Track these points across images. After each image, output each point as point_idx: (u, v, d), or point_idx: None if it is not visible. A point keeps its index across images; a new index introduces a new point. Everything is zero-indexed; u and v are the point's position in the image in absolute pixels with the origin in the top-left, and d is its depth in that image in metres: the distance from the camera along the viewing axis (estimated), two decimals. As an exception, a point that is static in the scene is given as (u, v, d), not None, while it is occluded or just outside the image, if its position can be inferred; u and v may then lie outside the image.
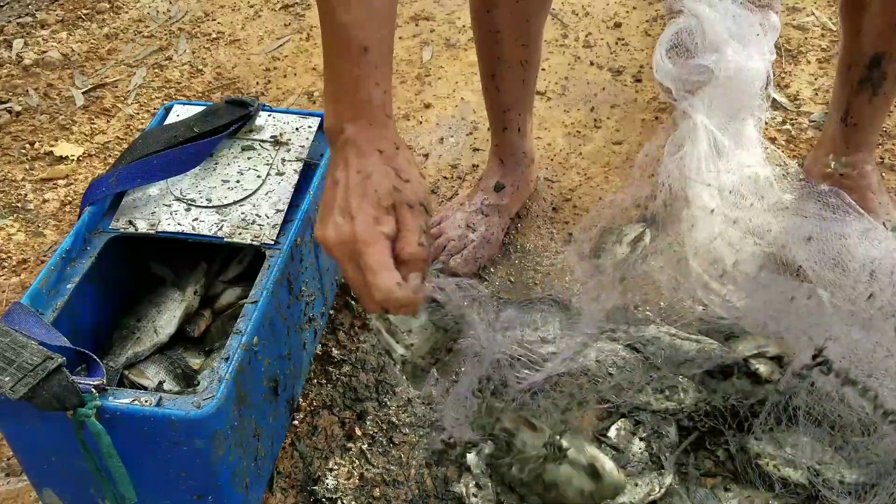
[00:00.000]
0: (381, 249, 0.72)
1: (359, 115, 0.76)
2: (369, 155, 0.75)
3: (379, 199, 0.73)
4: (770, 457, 0.98)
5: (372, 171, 0.74)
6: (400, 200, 0.74)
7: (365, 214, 0.72)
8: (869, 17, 1.14)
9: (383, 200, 0.73)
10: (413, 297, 0.72)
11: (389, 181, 0.74)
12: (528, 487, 0.95)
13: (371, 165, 0.74)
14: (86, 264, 0.96)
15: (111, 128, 1.62)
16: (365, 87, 0.75)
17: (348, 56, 0.74)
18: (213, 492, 0.87)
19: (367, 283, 0.72)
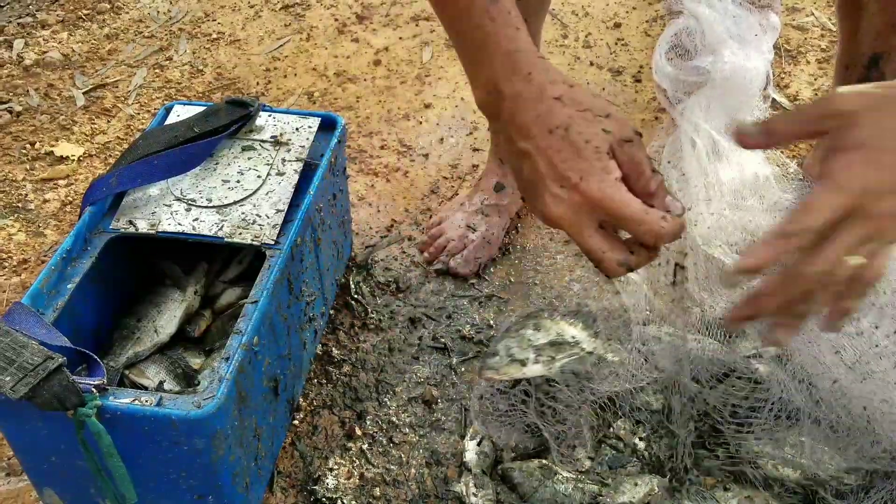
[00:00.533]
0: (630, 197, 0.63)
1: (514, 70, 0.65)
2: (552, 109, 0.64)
3: (596, 148, 0.63)
4: (769, 457, 0.98)
5: (569, 123, 0.63)
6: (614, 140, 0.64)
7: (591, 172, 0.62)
8: (867, 17, 1.14)
9: (601, 147, 0.63)
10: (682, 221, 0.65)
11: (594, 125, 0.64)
12: None
13: (563, 117, 0.63)
14: (86, 264, 0.96)
15: (112, 128, 1.62)
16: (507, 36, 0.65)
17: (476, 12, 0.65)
18: (214, 491, 0.87)
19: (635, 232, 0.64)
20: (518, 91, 0.65)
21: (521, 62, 0.65)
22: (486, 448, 1.04)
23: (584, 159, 0.63)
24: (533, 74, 0.65)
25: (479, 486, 0.99)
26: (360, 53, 1.80)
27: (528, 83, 0.64)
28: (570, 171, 0.63)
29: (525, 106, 0.65)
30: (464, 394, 1.13)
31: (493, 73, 0.66)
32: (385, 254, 1.35)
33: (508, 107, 0.66)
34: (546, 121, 0.64)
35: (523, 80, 0.65)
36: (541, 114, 0.64)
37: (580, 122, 0.64)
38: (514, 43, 0.65)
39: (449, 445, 1.07)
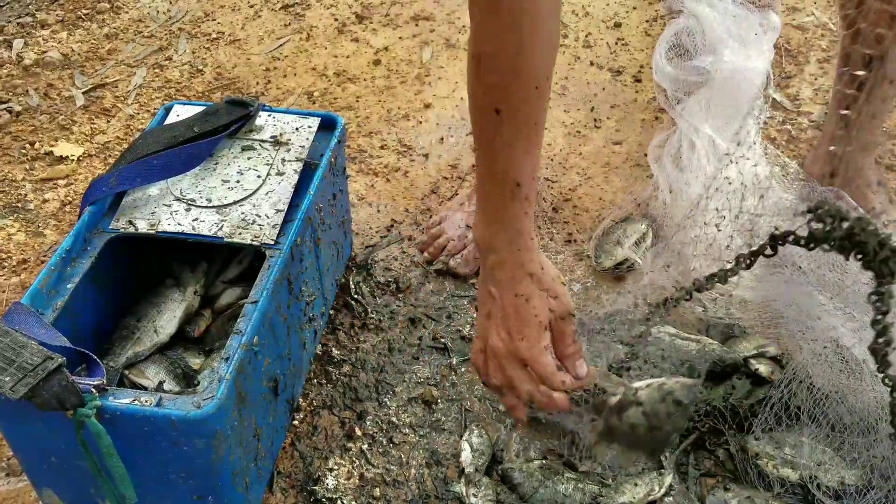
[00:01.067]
0: (548, 360, 0.86)
1: (511, 242, 0.85)
2: (522, 279, 0.85)
3: (540, 322, 0.85)
4: (769, 457, 0.98)
5: (529, 296, 0.85)
6: (554, 317, 0.86)
7: (528, 336, 0.85)
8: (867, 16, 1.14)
9: (543, 322, 0.85)
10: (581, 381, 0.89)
11: (544, 304, 0.85)
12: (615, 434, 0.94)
13: (526, 289, 0.85)
14: (86, 264, 0.96)
15: (111, 128, 1.62)
16: (517, 217, 0.84)
17: (503, 189, 0.82)
18: (213, 492, 0.87)
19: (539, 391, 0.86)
20: (507, 257, 0.85)
21: (517, 240, 0.84)
22: (481, 447, 1.04)
23: (529, 326, 0.85)
24: (521, 252, 0.85)
25: (476, 486, 0.99)
26: (360, 53, 1.80)
27: (516, 255, 0.84)
28: (515, 330, 0.85)
29: (506, 269, 0.85)
30: (464, 394, 1.13)
31: (496, 236, 0.85)
32: (385, 254, 1.35)
33: (496, 260, 0.86)
34: (515, 287, 0.85)
35: (515, 252, 0.85)
36: (514, 279, 0.85)
37: (537, 298, 0.85)
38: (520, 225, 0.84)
39: (449, 445, 1.07)
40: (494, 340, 0.87)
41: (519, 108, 0.79)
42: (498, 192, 0.83)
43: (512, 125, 0.79)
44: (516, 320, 0.85)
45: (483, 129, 0.82)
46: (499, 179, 0.82)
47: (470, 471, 1.01)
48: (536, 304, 0.85)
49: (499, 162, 0.82)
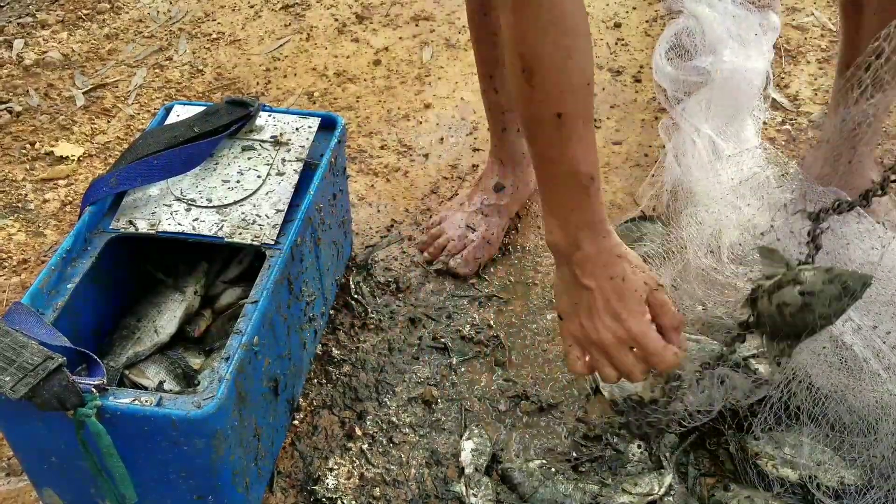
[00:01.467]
0: (654, 333, 0.88)
1: (596, 233, 0.88)
2: (615, 263, 0.88)
3: (640, 296, 0.88)
4: (769, 457, 0.98)
5: (625, 274, 0.88)
6: (649, 289, 0.89)
7: (635, 312, 0.87)
8: (867, 17, 1.14)
9: (643, 295, 0.88)
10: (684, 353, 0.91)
11: (640, 278, 0.88)
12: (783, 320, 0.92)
13: (622, 270, 0.88)
14: (86, 264, 0.96)
15: (111, 128, 1.62)
16: (596, 208, 0.87)
17: (578, 185, 0.86)
18: (213, 492, 0.87)
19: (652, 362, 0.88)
20: (593, 249, 0.88)
21: (599, 229, 0.88)
22: (481, 447, 1.04)
23: (631, 302, 0.87)
24: (606, 238, 0.88)
25: (476, 486, 0.99)
26: (360, 53, 1.80)
27: (603, 243, 0.88)
28: (619, 310, 0.87)
29: (597, 259, 0.88)
30: (464, 394, 1.13)
31: (577, 231, 0.88)
32: (385, 254, 1.35)
33: (582, 256, 0.88)
34: (609, 271, 0.88)
35: (601, 241, 0.88)
36: (607, 264, 0.88)
37: (631, 275, 0.88)
38: (600, 215, 0.88)
39: (449, 445, 1.07)
40: (602, 333, 0.88)
41: (578, 108, 0.83)
42: (572, 190, 0.86)
43: (575, 125, 0.83)
44: (618, 301, 0.87)
45: (546, 135, 0.85)
46: (571, 179, 0.86)
47: (470, 471, 1.01)
48: (633, 280, 0.88)
49: (568, 162, 0.85)
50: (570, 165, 0.85)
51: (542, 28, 0.79)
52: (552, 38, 0.79)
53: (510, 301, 1.26)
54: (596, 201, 0.87)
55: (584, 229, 0.87)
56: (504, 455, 1.05)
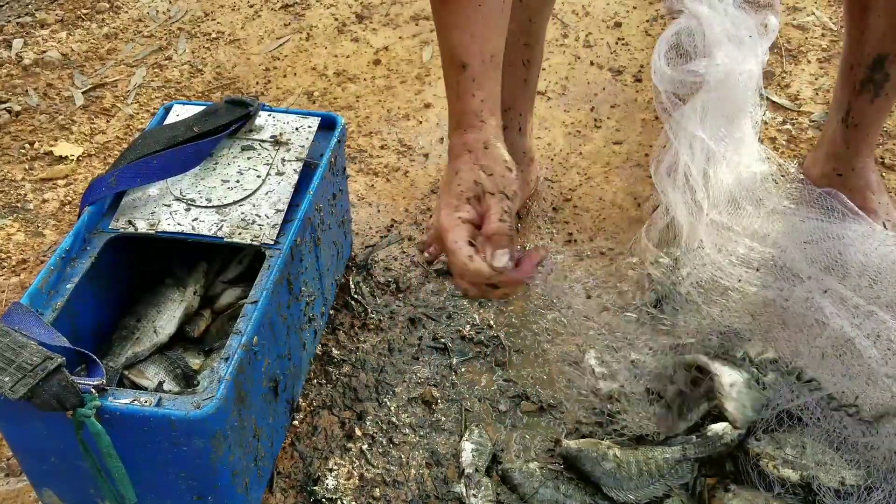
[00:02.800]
0: (458, 231, 0.81)
1: (459, 124, 0.85)
2: (460, 156, 0.84)
3: (461, 192, 0.82)
4: (769, 457, 0.98)
5: (459, 169, 0.84)
6: (483, 191, 0.82)
7: (446, 205, 0.82)
8: (873, 18, 1.14)
9: (465, 192, 0.82)
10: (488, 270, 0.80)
11: (472, 175, 0.83)
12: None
13: (460, 164, 0.84)
14: (86, 264, 0.96)
15: (111, 128, 1.61)
16: (464, 98, 0.84)
17: (452, 71, 0.84)
18: (213, 492, 0.86)
19: (451, 263, 0.82)
20: (455, 140, 0.86)
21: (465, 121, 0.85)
22: (481, 447, 1.04)
23: (449, 196, 0.83)
24: (467, 132, 0.85)
25: (476, 486, 0.99)
26: (360, 53, 1.80)
27: (462, 135, 0.85)
28: (440, 202, 0.84)
29: (451, 151, 0.86)
30: (464, 394, 1.13)
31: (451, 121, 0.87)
32: (385, 254, 1.34)
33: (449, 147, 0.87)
34: (452, 165, 0.85)
35: (461, 133, 0.85)
36: (454, 156, 0.85)
37: (466, 171, 0.84)
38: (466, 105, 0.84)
39: (449, 446, 1.07)
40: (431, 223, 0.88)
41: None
42: (449, 76, 0.85)
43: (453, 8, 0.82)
44: (444, 193, 0.84)
45: (434, 13, 0.85)
46: (447, 62, 0.85)
47: (470, 471, 1.01)
48: (462, 176, 0.83)
49: (446, 45, 0.84)
50: (448, 49, 0.84)
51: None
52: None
53: (510, 301, 1.26)
54: (465, 91, 0.84)
55: (454, 121, 0.86)
56: (504, 455, 1.05)
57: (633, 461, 0.98)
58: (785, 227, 1.19)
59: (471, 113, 0.85)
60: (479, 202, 0.82)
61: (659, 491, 0.97)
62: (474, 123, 0.85)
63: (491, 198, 0.82)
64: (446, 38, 0.84)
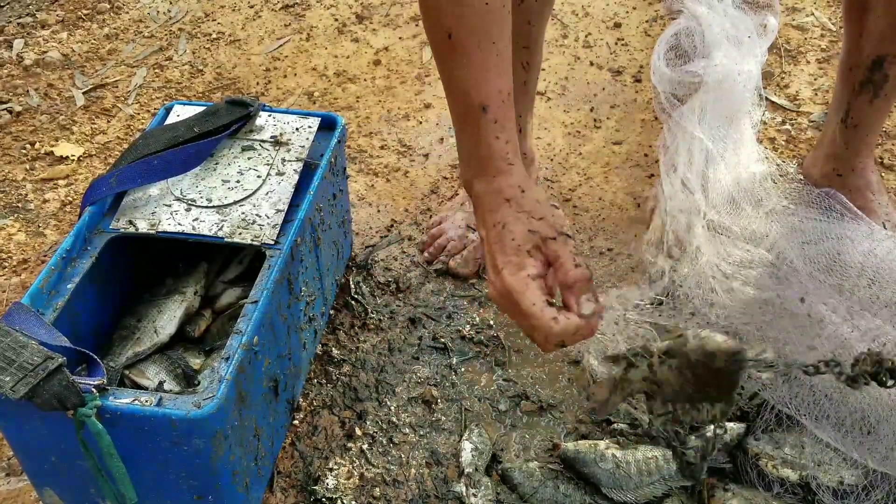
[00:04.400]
0: (533, 292, 0.74)
1: (483, 171, 0.79)
2: (499, 207, 0.78)
3: (518, 246, 0.76)
4: (769, 457, 0.98)
5: (505, 221, 0.77)
6: (541, 239, 0.76)
7: (506, 264, 0.75)
8: (873, 19, 1.14)
9: (522, 246, 0.76)
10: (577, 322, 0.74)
11: (522, 226, 0.77)
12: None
13: (503, 216, 0.77)
14: (86, 264, 0.96)
15: (111, 128, 1.62)
16: (486, 142, 0.78)
17: (470, 114, 0.78)
18: (213, 492, 0.87)
19: (532, 329, 0.74)
20: (482, 189, 0.79)
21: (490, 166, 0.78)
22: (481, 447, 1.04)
23: (506, 254, 0.76)
24: (497, 178, 0.78)
25: (476, 486, 0.99)
26: (360, 53, 1.80)
27: (491, 183, 0.79)
28: (497, 262, 0.76)
29: (484, 201, 0.79)
30: (464, 394, 1.13)
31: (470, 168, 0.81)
32: (385, 254, 1.35)
33: (475, 197, 0.80)
34: (492, 217, 0.78)
35: (490, 181, 0.79)
36: (492, 209, 0.78)
37: (513, 222, 0.77)
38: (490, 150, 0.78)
39: (449, 445, 1.07)
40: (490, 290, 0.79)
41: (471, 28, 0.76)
42: (465, 121, 0.79)
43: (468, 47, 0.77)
44: (498, 251, 0.76)
45: (439, 56, 0.80)
46: (463, 107, 0.79)
47: (470, 471, 1.01)
48: (513, 229, 0.76)
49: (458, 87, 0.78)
50: (461, 91, 0.78)
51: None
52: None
53: (510, 301, 1.26)
54: (489, 135, 0.78)
55: (474, 165, 0.80)
56: (504, 455, 1.05)
57: (632, 461, 0.99)
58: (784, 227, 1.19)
59: (498, 157, 0.79)
60: (539, 251, 0.76)
61: (658, 491, 0.97)
62: (503, 168, 0.79)
63: (555, 243, 0.76)
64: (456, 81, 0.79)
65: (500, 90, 0.78)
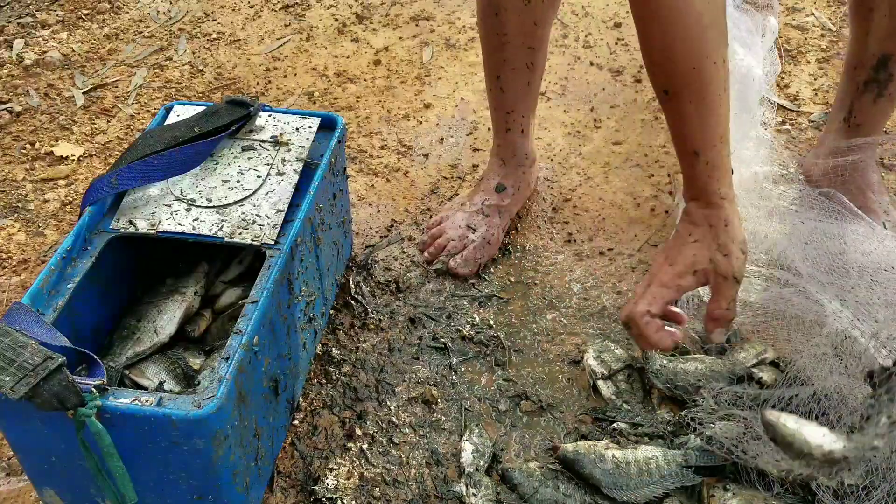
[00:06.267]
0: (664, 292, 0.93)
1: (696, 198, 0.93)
2: (701, 225, 0.92)
3: (692, 263, 0.91)
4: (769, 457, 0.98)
5: (699, 238, 0.92)
6: (715, 270, 0.90)
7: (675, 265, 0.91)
8: (878, 18, 1.14)
9: (696, 266, 0.91)
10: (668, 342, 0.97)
11: (708, 254, 0.91)
12: None
13: (699, 234, 0.92)
14: (86, 264, 0.96)
15: (111, 128, 1.62)
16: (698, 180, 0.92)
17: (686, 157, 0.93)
18: (213, 492, 0.87)
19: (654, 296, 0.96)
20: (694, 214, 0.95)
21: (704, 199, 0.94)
22: (481, 447, 1.04)
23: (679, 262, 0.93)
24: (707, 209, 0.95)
25: (476, 486, 0.99)
26: (360, 53, 1.80)
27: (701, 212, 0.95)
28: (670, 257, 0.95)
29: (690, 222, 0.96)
30: (464, 394, 1.13)
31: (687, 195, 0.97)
32: (385, 254, 1.35)
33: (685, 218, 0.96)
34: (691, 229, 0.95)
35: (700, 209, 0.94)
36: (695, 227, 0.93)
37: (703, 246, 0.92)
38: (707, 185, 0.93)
39: (449, 445, 1.07)
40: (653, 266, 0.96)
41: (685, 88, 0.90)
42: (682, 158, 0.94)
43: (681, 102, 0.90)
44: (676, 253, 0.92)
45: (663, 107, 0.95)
46: (681, 148, 0.94)
47: (470, 471, 1.01)
48: (698, 250, 0.91)
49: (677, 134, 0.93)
50: (677, 137, 0.92)
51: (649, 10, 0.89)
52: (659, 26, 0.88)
53: (510, 301, 1.26)
54: (702, 174, 0.91)
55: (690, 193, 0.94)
56: (504, 455, 1.05)
57: (631, 461, 0.99)
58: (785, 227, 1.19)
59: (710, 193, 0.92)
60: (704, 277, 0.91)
61: (658, 491, 0.97)
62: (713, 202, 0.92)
63: (723, 281, 0.90)
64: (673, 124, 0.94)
65: (712, 139, 0.91)
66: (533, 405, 1.11)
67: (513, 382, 1.14)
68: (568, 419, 1.10)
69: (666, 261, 0.93)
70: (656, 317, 1.00)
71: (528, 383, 1.14)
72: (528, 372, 1.16)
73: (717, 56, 0.90)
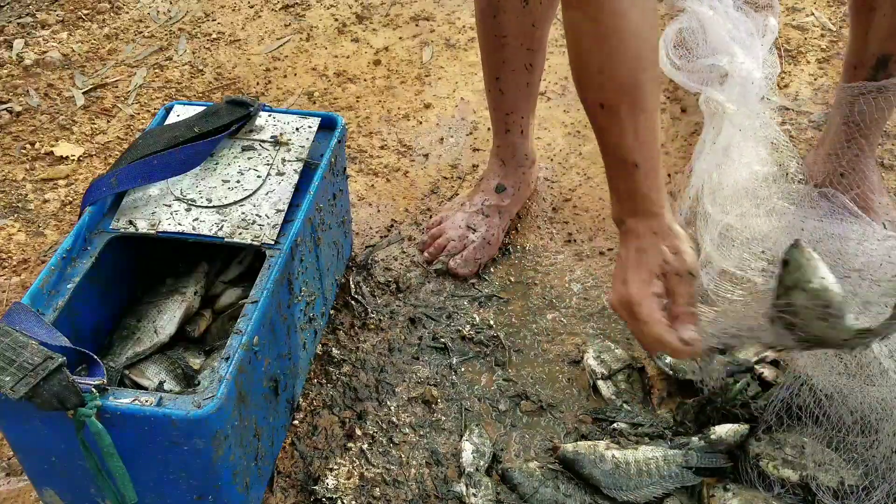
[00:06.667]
0: (650, 304, 0.88)
1: (635, 213, 0.93)
2: (645, 236, 0.92)
3: (649, 270, 0.90)
4: (769, 457, 0.98)
5: (647, 247, 0.91)
6: (669, 270, 0.90)
7: (637, 280, 0.89)
8: (879, 17, 1.14)
9: (654, 269, 0.90)
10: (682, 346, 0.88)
11: (660, 255, 0.90)
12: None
13: (646, 243, 0.91)
14: (86, 264, 0.96)
15: (111, 128, 1.62)
16: (638, 192, 0.92)
17: (622, 169, 0.91)
18: (213, 492, 0.87)
19: (642, 332, 0.89)
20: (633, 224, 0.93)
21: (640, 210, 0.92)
22: (481, 447, 1.04)
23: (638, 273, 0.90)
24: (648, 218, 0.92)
25: (476, 486, 0.99)
26: (360, 53, 1.80)
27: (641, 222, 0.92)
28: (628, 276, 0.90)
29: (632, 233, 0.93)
30: (464, 394, 1.13)
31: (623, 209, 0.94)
32: (385, 254, 1.35)
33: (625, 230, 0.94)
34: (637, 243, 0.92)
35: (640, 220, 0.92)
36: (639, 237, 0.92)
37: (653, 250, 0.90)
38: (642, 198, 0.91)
39: (449, 445, 1.07)
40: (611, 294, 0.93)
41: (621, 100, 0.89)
42: (618, 172, 0.93)
43: (617, 116, 0.89)
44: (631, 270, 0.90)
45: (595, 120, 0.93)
46: (616, 162, 0.92)
47: (470, 471, 1.01)
48: (650, 254, 0.90)
49: (612, 147, 0.92)
50: (614, 151, 0.91)
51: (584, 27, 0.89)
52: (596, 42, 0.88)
53: (510, 301, 1.26)
54: (642, 185, 0.91)
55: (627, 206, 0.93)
56: (504, 455, 1.05)
57: (631, 462, 0.99)
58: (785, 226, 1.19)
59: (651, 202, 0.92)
60: (665, 278, 0.90)
61: (658, 491, 0.97)
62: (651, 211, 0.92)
63: (679, 280, 0.90)
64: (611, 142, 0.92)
65: (649, 150, 0.91)
66: (533, 405, 1.11)
67: (513, 382, 1.14)
68: (568, 419, 1.10)
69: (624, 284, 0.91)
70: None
71: (528, 383, 1.14)
72: (528, 372, 1.16)
73: (653, 69, 0.91)
